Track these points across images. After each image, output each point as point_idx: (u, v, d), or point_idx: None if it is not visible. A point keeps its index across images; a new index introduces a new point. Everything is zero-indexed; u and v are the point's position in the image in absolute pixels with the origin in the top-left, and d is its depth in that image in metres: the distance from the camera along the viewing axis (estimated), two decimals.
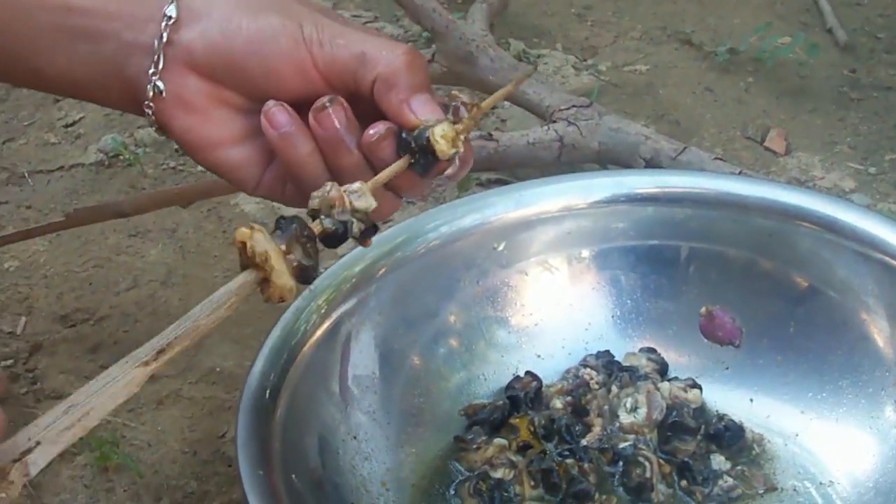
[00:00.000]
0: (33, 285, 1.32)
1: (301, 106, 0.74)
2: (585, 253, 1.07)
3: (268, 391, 0.88)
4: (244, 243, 0.64)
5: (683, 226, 1.05)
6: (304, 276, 0.66)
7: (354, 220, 0.68)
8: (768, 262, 1.04)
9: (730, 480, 0.97)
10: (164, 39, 0.72)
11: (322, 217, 0.67)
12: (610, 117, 1.31)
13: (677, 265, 1.06)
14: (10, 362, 1.21)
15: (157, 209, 1.30)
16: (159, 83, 0.73)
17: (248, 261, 0.64)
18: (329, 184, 0.68)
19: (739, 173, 1.19)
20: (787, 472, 0.98)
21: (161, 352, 0.61)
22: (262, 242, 0.63)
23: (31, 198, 1.48)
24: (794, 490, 0.97)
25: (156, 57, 0.73)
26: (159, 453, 1.10)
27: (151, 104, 0.74)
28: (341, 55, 0.73)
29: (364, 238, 0.70)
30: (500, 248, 1.05)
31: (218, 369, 1.18)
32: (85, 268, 1.34)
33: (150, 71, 0.73)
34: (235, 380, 1.17)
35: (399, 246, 1.01)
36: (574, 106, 1.32)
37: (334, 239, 0.68)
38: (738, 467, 0.98)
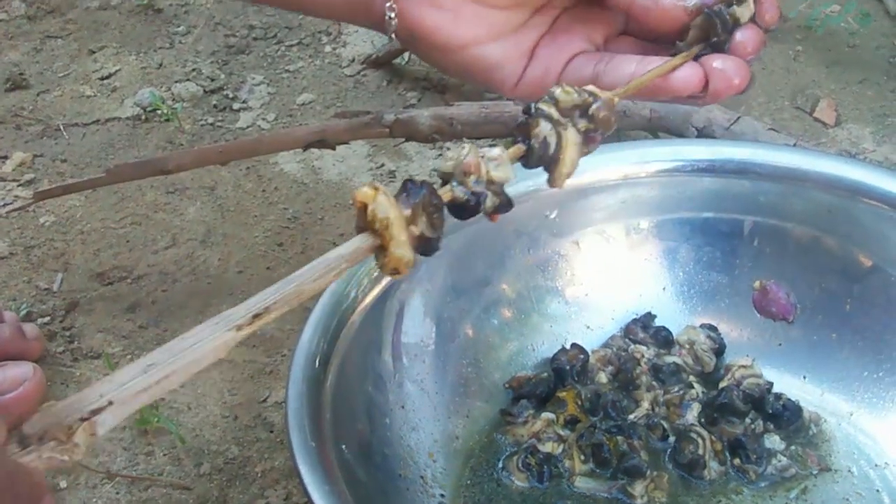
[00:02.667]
0: (69, 241, 1.30)
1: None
2: (644, 223, 1.04)
3: (318, 359, 0.86)
4: (365, 205, 0.58)
5: (741, 198, 1.03)
6: (426, 248, 0.60)
7: (489, 192, 0.63)
8: (826, 238, 1.02)
9: (783, 460, 0.95)
10: None
11: (454, 184, 0.62)
12: None
13: (733, 238, 1.04)
14: (46, 319, 1.19)
15: (198, 167, 1.28)
16: None
17: (366, 224, 0.58)
18: (467, 145, 0.63)
19: (794, 145, 1.16)
20: (841, 452, 0.97)
21: (257, 316, 0.54)
22: (384, 207, 0.57)
23: (67, 151, 1.46)
24: (849, 472, 0.95)
25: None
26: (199, 417, 1.08)
27: (394, 5, 0.70)
28: None
29: (495, 212, 0.65)
30: (553, 216, 1.03)
31: (259, 332, 1.16)
32: (122, 224, 1.33)
33: None
34: (276, 343, 1.15)
35: None
36: None
37: (464, 210, 0.62)
38: (793, 447, 0.96)
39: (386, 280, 0.93)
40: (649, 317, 1.05)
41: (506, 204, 0.64)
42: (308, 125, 1.46)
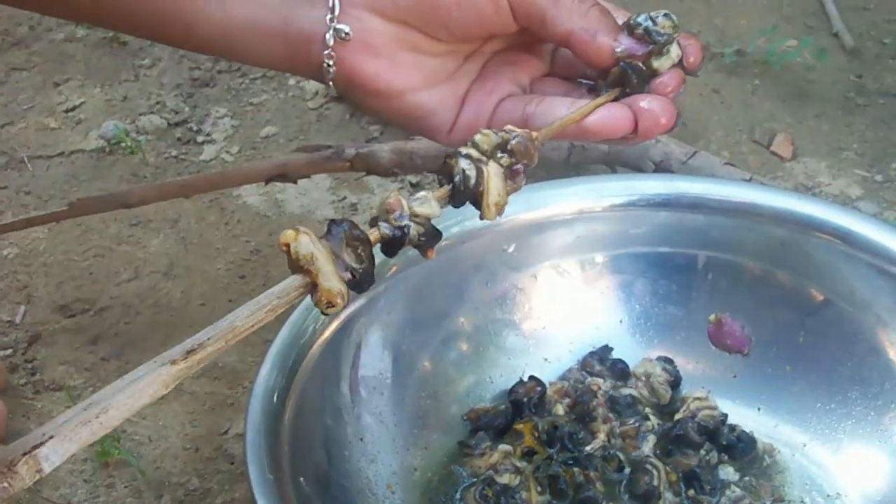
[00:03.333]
0: (33, 273, 1.31)
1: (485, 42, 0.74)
2: (599, 258, 1.06)
3: (276, 393, 0.87)
4: (288, 245, 0.61)
5: (696, 232, 1.04)
6: (357, 282, 0.62)
7: (413, 223, 0.65)
8: (780, 272, 1.03)
9: (737, 491, 0.96)
10: None
11: (380, 223, 0.65)
12: None
13: (688, 272, 1.06)
14: (9, 352, 1.20)
15: (162, 200, 1.29)
16: (342, 26, 0.70)
17: (294, 264, 0.61)
18: (392, 192, 0.65)
19: (750, 179, 1.18)
20: (794, 483, 0.98)
21: (191, 352, 0.57)
22: (306, 245, 0.59)
23: (31, 183, 1.47)
24: (802, 502, 0.97)
25: (331, 3, 0.70)
26: (161, 449, 1.09)
27: (332, 53, 0.71)
28: None
29: (426, 246, 0.66)
30: (511, 250, 1.04)
31: (220, 364, 1.17)
32: (85, 257, 1.33)
33: (328, 17, 0.70)
34: (238, 376, 1.16)
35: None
36: None
37: (392, 245, 0.65)
38: (746, 478, 0.98)
39: (344, 314, 0.95)
40: (606, 349, 1.06)
41: (432, 234, 0.66)
42: (271, 158, 1.47)
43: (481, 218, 0.69)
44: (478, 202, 0.68)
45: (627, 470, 0.98)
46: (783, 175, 1.46)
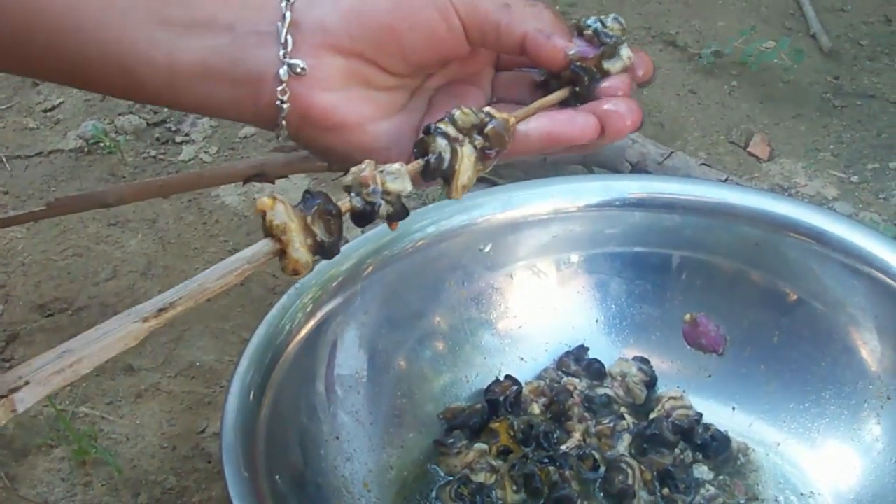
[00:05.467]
0: (11, 273, 1.31)
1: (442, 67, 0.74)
2: (574, 257, 1.06)
3: (252, 391, 0.87)
4: (264, 212, 0.62)
5: (671, 233, 1.05)
6: (323, 251, 0.64)
7: (384, 201, 0.66)
8: (754, 272, 1.04)
9: (712, 489, 0.97)
10: (288, 20, 0.69)
11: (352, 195, 0.66)
12: None
13: (663, 271, 1.06)
14: None
15: (140, 200, 1.29)
16: (296, 61, 0.69)
17: (267, 230, 0.63)
18: (366, 162, 0.67)
19: (726, 180, 1.19)
20: (768, 482, 0.98)
21: (163, 310, 0.59)
22: (281, 214, 0.62)
23: (9, 183, 1.47)
24: (776, 501, 0.97)
25: (283, 39, 0.69)
26: (138, 448, 1.09)
27: (286, 90, 0.69)
28: (483, 4, 0.71)
29: (392, 220, 0.68)
30: (487, 249, 1.04)
31: (197, 364, 1.18)
32: (64, 256, 1.33)
33: (281, 54, 0.69)
34: (215, 374, 1.16)
35: (386, 245, 1.00)
36: None
37: (361, 218, 0.66)
38: (721, 477, 0.98)
39: (321, 312, 0.95)
40: (582, 349, 1.06)
41: (400, 212, 0.68)
42: (249, 158, 1.47)
43: (448, 196, 0.70)
44: (449, 182, 0.69)
45: (602, 469, 0.98)
46: (760, 175, 1.47)
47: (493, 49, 0.73)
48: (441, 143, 0.68)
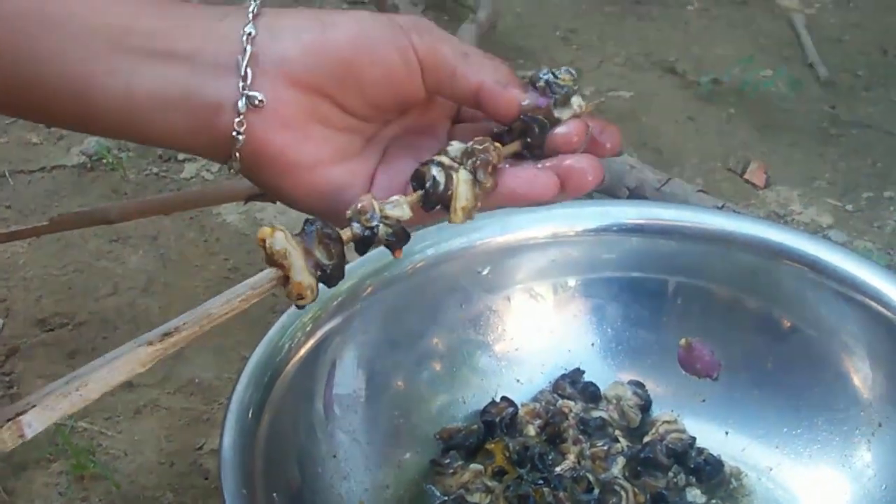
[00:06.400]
0: (12, 287, 1.32)
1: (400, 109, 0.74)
2: (571, 282, 1.07)
3: (251, 409, 0.88)
4: (264, 241, 0.64)
5: (668, 258, 1.05)
6: (327, 277, 0.65)
7: (383, 224, 0.67)
8: (750, 298, 1.05)
9: None
10: (248, 53, 0.68)
11: (353, 224, 0.67)
12: None
13: (659, 297, 1.07)
14: None
15: (142, 217, 1.30)
16: (254, 93, 0.68)
17: (268, 259, 0.64)
18: (365, 195, 0.68)
19: (722, 207, 1.20)
20: None
21: (167, 335, 0.60)
22: (280, 241, 0.63)
23: (12, 198, 1.48)
24: None
25: (243, 71, 0.68)
26: (136, 463, 1.10)
27: (243, 122, 0.68)
28: (442, 48, 0.70)
29: (394, 247, 0.69)
30: (485, 272, 1.05)
31: (197, 380, 1.18)
32: (65, 272, 1.34)
33: (240, 85, 0.68)
34: (214, 391, 1.17)
35: (386, 266, 1.01)
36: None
37: (362, 244, 0.67)
38: (714, 501, 0.99)
39: (321, 332, 0.96)
40: (578, 372, 1.07)
41: (401, 235, 0.68)
42: None
43: (450, 221, 0.70)
44: (448, 206, 0.70)
45: (596, 491, 0.99)
46: (756, 203, 1.48)
47: (448, 96, 0.73)
48: (435, 169, 0.69)
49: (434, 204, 0.70)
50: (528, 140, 0.72)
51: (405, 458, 1.01)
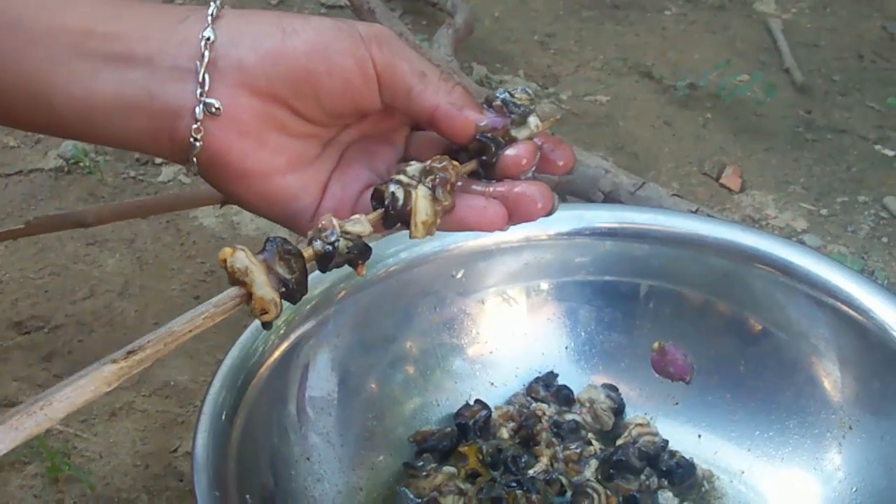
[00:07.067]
0: None
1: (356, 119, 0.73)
2: (544, 285, 1.08)
3: (224, 412, 0.88)
4: (226, 261, 0.64)
5: (641, 262, 1.06)
6: (290, 292, 0.66)
7: (343, 239, 0.68)
8: (722, 302, 1.06)
9: None
10: (207, 59, 0.68)
11: (314, 241, 0.68)
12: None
13: (633, 300, 1.08)
14: None
15: (119, 220, 1.30)
16: (212, 100, 0.68)
17: (232, 278, 0.64)
18: (326, 215, 0.68)
19: (696, 211, 1.21)
20: None
21: (132, 353, 0.60)
22: (241, 259, 0.63)
23: None
24: None
25: (201, 78, 0.68)
26: (111, 465, 1.10)
27: (200, 129, 0.68)
28: (400, 64, 0.70)
29: (356, 262, 0.69)
30: (459, 275, 1.06)
31: (172, 383, 1.19)
32: (41, 275, 1.34)
33: (197, 92, 0.68)
34: (189, 394, 1.17)
35: None
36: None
37: (324, 259, 0.68)
38: (686, 503, 1.00)
39: (294, 335, 0.96)
40: (551, 375, 1.08)
41: (361, 248, 0.68)
42: None
43: (410, 237, 0.70)
44: (407, 222, 0.70)
45: (569, 494, 0.99)
46: (731, 207, 1.49)
47: (403, 113, 0.73)
48: (394, 187, 0.69)
49: (394, 221, 0.70)
50: (485, 159, 0.72)
51: (379, 461, 1.01)
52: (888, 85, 1.80)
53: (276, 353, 0.95)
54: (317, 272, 0.69)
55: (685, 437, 1.05)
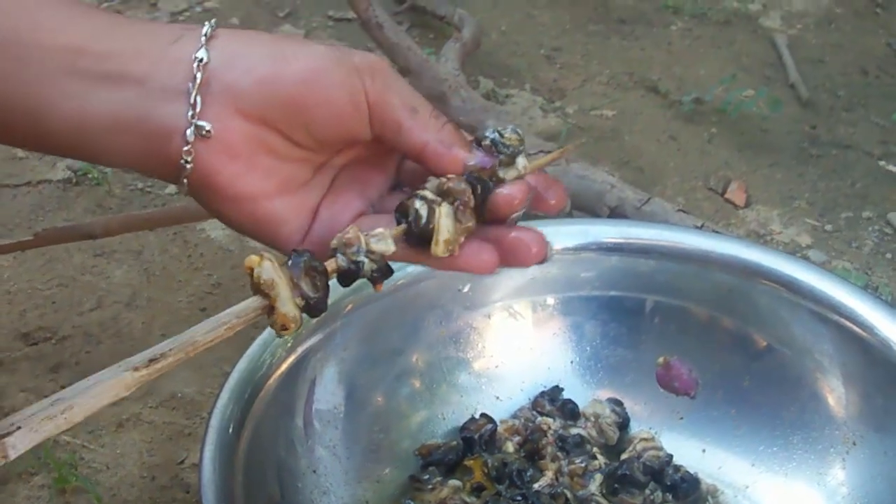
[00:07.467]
0: None
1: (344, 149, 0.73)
2: (550, 300, 1.08)
3: (231, 424, 0.89)
4: (252, 269, 0.64)
5: (646, 277, 1.07)
6: (310, 308, 0.66)
7: (368, 259, 0.68)
8: (726, 317, 1.06)
9: None
10: (199, 80, 0.67)
11: (338, 255, 0.68)
12: (577, 164, 1.33)
13: (638, 315, 1.08)
14: None
15: (126, 232, 1.31)
16: (203, 123, 0.67)
17: (255, 287, 0.65)
18: (350, 227, 0.68)
19: (701, 226, 1.21)
20: None
21: (153, 360, 0.61)
22: (268, 270, 0.63)
23: None
24: None
25: (193, 99, 0.67)
26: (118, 476, 1.10)
27: (191, 151, 0.68)
28: (392, 99, 0.70)
29: (376, 280, 0.69)
30: (465, 290, 1.07)
31: (179, 395, 1.19)
32: (49, 286, 1.35)
33: (189, 114, 0.67)
34: (196, 406, 1.18)
35: (366, 283, 1.01)
36: (542, 151, 1.34)
37: (346, 277, 0.68)
38: None
39: (301, 348, 0.97)
40: (557, 390, 1.08)
41: (384, 270, 0.68)
42: None
43: (432, 254, 0.70)
44: (429, 240, 0.70)
45: None
46: (736, 222, 1.50)
47: (392, 147, 0.73)
48: (418, 203, 0.69)
49: (417, 237, 0.70)
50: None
51: (384, 474, 1.02)
52: (893, 101, 1.80)
53: (284, 366, 0.95)
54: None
55: (690, 452, 1.05)
